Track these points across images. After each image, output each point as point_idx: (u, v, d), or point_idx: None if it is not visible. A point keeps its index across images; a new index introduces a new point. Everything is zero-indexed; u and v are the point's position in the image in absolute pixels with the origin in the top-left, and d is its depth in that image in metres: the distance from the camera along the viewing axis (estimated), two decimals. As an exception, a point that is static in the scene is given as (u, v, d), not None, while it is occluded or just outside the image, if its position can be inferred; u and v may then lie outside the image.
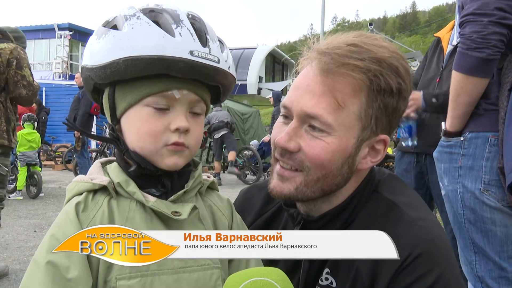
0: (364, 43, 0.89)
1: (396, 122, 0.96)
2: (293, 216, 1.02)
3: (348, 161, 0.92)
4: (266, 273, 0.73)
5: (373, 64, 0.86)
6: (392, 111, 0.92)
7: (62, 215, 0.82)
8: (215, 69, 0.82)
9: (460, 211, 1.71)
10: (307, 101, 0.89)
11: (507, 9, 1.52)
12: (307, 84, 0.90)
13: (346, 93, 0.87)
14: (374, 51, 0.88)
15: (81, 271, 0.76)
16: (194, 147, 0.87)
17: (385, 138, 0.95)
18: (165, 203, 0.83)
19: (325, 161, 0.90)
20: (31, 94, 3.26)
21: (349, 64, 0.86)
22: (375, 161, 0.96)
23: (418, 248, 0.85)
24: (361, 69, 0.86)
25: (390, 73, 0.88)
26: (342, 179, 0.94)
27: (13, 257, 4.00)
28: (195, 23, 0.84)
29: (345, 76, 0.87)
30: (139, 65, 0.77)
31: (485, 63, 1.56)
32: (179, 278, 0.80)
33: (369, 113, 0.90)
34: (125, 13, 0.82)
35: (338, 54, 0.87)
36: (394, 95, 0.90)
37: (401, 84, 0.90)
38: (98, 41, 0.82)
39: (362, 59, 0.86)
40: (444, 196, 1.81)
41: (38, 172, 7.43)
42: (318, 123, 0.89)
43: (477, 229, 1.68)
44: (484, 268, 1.68)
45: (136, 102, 0.82)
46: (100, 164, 0.91)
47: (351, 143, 0.91)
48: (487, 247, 1.66)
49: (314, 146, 0.90)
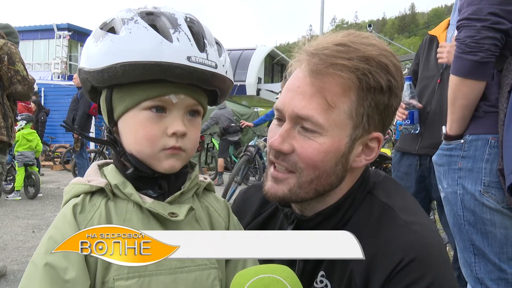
0: (352, 42, 0.89)
1: (389, 119, 0.96)
2: (287, 216, 1.02)
3: (342, 160, 0.92)
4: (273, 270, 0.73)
5: (361, 63, 0.87)
6: (384, 109, 0.92)
7: (60, 217, 0.82)
8: (213, 75, 0.82)
9: (460, 213, 1.72)
10: (298, 102, 0.90)
11: (501, 14, 1.55)
12: (297, 86, 0.91)
13: (335, 93, 0.88)
14: (362, 49, 0.88)
15: (79, 272, 0.76)
16: (191, 150, 0.87)
17: (378, 135, 0.95)
18: (162, 204, 0.84)
19: (318, 161, 0.91)
20: (27, 88, 3.23)
21: (337, 64, 0.86)
22: (369, 159, 0.97)
23: (411, 253, 0.84)
24: (349, 69, 0.86)
25: (380, 71, 0.88)
26: (336, 179, 0.94)
27: (11, 257, 4.00)
28: (193, 26, 0.84)
29: (334, 76, 0.87)
30: (137, 70, 0.77)
31: (479, 65, 1.58)
32: (177, 279, 0.81)
33: (360, 112, 0.90)
34: (122, 16, 0.82)
35: (326, 55, 0.87)
36: (384, 92, 0.90)
37: (391, 81, 0.90)
38: (95, 44, 0.82)
39: (350, 58, 0.86)
40: (444, 198, 1.81)
41: (35, 172, 7.42)
42: (310, 124, 0.89)
43: (477, 230, 1.68)
44: (484, 269, 1.68)
45: (133, 106, 0.82)
46: (97, 166, 0.91)
47: (343, 142, 0.91)
48: (486, 249, 1.67)
49: (307, 147, 0.90)
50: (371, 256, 0.87)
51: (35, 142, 7.60)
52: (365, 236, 0.90)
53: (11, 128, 3.23)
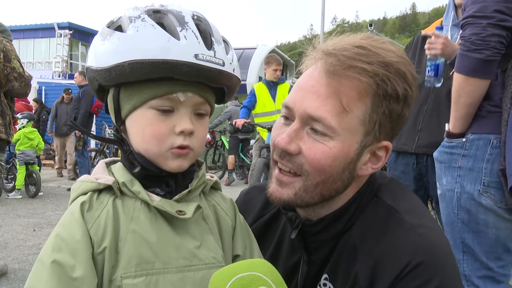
0: (372, 46, 0.86)
1: (399, 129, 0.94)
2: (291, 220, 1.00)
3: (349, 167, 0.90)
4: (250, 267, 0.71)
5: (380, 68, 0.84)
6: (396, 118, 0.90)
7: (67, 215, 0.82)
8: (220, 72, 0.82)
9: (454, 211, 1.73)
10: (311, 102, 0.87)
11: (506, 12, 1.54)
12: (311, 85, 0.88)
13: (351, 97, 0.85)
14: (382, 55, 0.85)
15: (86, 270, 0.76)
16: (198, 149, 0.86)
17: (387, 144, 0.93)
18: (169, 202, 0.83)
19: (326, 166, 0.88)
20: (24, 85, 3.21)
21: (356, 67, 0.83)
22: (376, 167, 0.94)
23: (418, 256, 0.82)
24: (369, 73, 0.83)
25: (398, 79, 0.85)
26: (342, 185, 0.92)
27: (12, 256, 4.00)
28: (200, 24, 0.83)
29: (352, 79, 0.84)
30: (144, 68, 0.77)
31: (484, 64, 1.58)
32: (184, 277, 0.80)
33: (373, 119, 0.87)
34: (129, 14, 0.82)
35: (345, 56, 0.84)
36: (400, 101, 0.88)
37: (408, 91, 0.87)
38: (102, 42, 0.81)
39: (370, 62, 0.84)
40: (440, 195, 1.82)
41: (36, 171, 7.42)
42: (321, 126, 0.86)
43: (469, 229, 1.70)
44: (472, 267, 1.71)
45: (141, 104, 0.82)
46: (104, 164, 0.91)
47: (353, 148, 0.89)
48: (476, 248, 1.69)
49: (315, 150, 0.88)
50: (377, 259, 0.86)
51: (36, 140, 7.60)
52: (370, 239, 0.89)
53: (9, 125, 3.21)
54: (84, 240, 0.78)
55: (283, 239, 1.07)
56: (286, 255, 1.05)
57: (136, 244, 0.79)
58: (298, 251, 1.02)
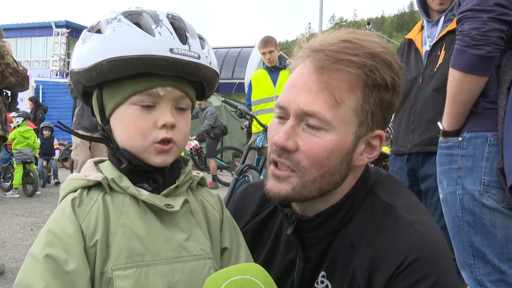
0: (357, 39, 0.89)
1: (390, 117, 0.96)
2: (287, 216, 1.01)
3: (346, 158, 0.91)
4: (244, 271, 0.73)
5: (368, 59, 0.86)
6: (387, 106, 0.92)
7: (58, 211, 0.84)
8: (196, 65, 0.85)
9: (459, 214, 1.67)
10: (304, 98, 0.88)
11: (507, 5, 1.48)
12: (302, 82, 0.90)
13: (343, 89, 0.87)
14: (368, 46, 0.88)
15: (80, 263, 0.78)
16: (181, 142, 0.89)
17: (380, 133, 0.94)
18: (157, 197, 0.86)
19: (323, 159, 0.89)
20: (21, 79, 3.21)
21: (344, 60, 0.86)
22: (372, 157, 0.96)
23: (414, 253, 0.83)
24: (357, 64, 0.86)
25: (385, 68, 0.88)
26: (340, 177, 0.93)
27: (9, 255, 3.99)
28: (174, 22, 0.87)
29: (341, 71, 0.87)
30: (122, 65, 0.81)
31: (484, 60, 1.52)
32: (173, 268, 0.83)
33: (365, 109, 0.89)
34: (107, 17, 0.86)
35: (332, 51, 0.87)
36: (389, 89, 0.90)
37: (395, 79, 0.90)
38: (83, 45, 0.86)
39: (357, 54, 0.86)
40: (442, 200, 1.76)
41: (33, 170, 7.41)
42: (316, 120, 0.88)
43: (477, 231, 1.64)
44: (483, 271, 1.65)
45: (123, 101, 0.85)
46: (93, 163, 0.93)
47: (349, 139, 0.90)
48: (486, 250, 1.63)
49: (313, 144, 0.89)
50: (374, 255, 0.86)
51: (32, 139, 7.58)
52: (368, 235, 0.90)
53: (5, 122, 3.21)
54: (77, 234, 0.80)
55: (280, 237, 1.08)
56: (282, 252, 1.06)
57: (126, 237, 0.81)
58: (294, 248, 1.02)
